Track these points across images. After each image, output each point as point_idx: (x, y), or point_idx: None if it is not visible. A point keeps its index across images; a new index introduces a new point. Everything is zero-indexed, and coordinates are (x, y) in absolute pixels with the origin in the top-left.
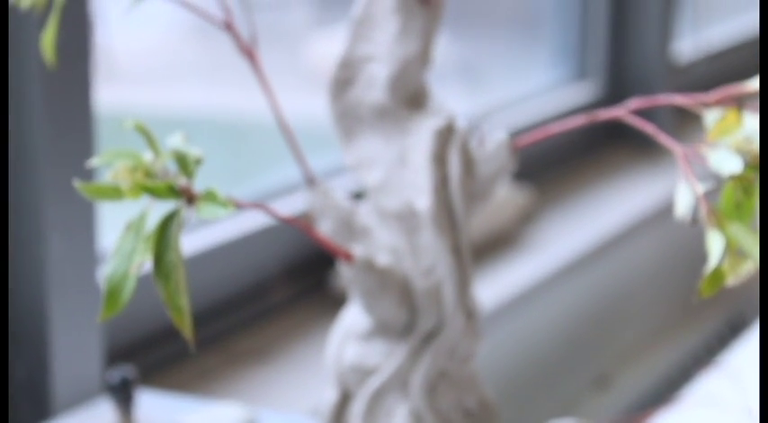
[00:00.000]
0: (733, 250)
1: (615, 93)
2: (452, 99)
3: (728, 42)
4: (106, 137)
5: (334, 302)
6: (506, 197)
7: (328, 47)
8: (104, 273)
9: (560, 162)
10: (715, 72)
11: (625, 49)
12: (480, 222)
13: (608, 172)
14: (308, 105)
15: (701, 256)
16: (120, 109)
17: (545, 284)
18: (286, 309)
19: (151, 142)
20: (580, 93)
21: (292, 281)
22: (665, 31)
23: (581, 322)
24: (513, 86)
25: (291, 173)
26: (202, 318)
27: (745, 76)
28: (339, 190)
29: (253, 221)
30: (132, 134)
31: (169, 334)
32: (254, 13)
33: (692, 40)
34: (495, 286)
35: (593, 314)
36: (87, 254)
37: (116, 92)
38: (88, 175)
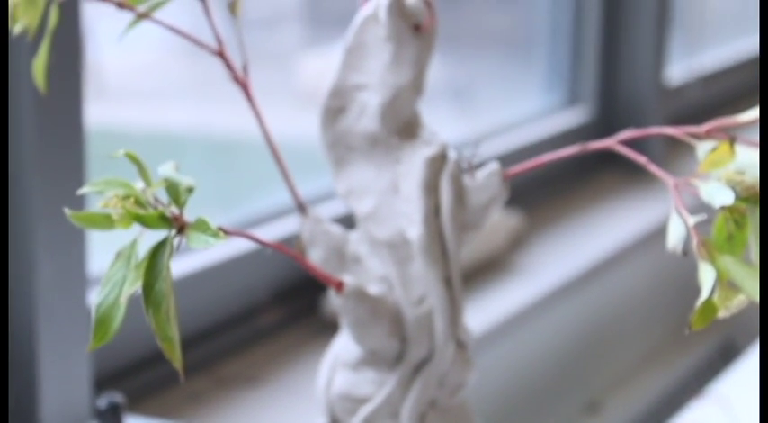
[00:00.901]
0: (724, 283)
1: (607, 117)
2: (443, 121)
3: (720, 65)
4: (95, 154)
5: (325, 326)
6: (497, 221)
7: (319, 66)
8: (94, 301)
9: (551, 186)
10: (707, 96)
11: (617, 73)
12: (471, 247)
13: (599, 196)
14: (301, 124)
15: (693, 282)
16: (110, 127)
17: (536, 309)
18: (276, 332)
19: (142, 171)
20: (572, 117)
21: (283, 304)
22: (658, 55)
23: (572, 347)
24: (504, 109)
25: (283, 192)
26: (191, 341)
27: (737, 98)
28: (333, 213)
29: (243, 244)
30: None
31: (158, 358)
32: (246, 35)
33: (684, 65)
34: (485, 311)
35: (583, 339)
36: (77, 278)
37: (106, 109)
38: (79, 198)
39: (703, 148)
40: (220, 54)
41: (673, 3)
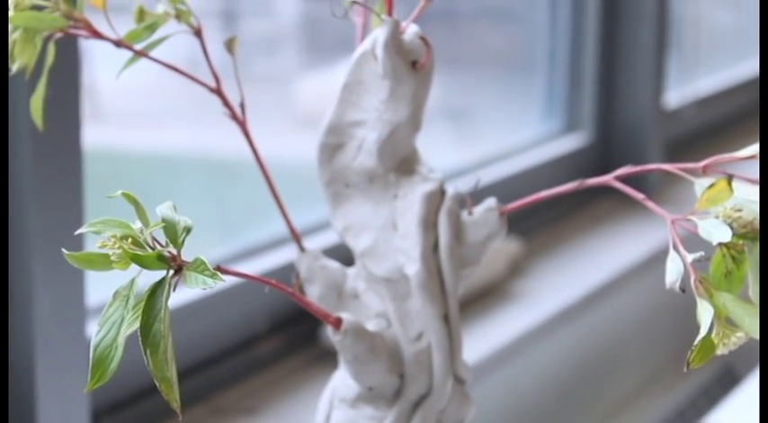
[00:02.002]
0: (723, 320)
1: (606, 142)
2: (439, 144)
3: (716, 89)
4: (93, 176)
5: (324, 355)
6: (495, 248)
7: (318, 88)
8: (92, 341)
9: (549, 212)
10: (704, 119)
11: (615, 98)
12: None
13: (597, 222)
14: (299, 145)
15: (691, 309)
16: (107, 148)
17: (534, 336)
18: (274, 362)
19: (140, 211)
20: (571, 141)
21: (281, 333)
22: (656, 80)
23: (570, 374)
24: (502, 133)
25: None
26: (189, 371)
27: (734, 121)
28: (334, 240)
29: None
30: (118, 176)
31: (156, 390)
32: (245, 57)
33: (681, 89)
34: (484, 338)
35: (582, 366)
36: (75, 309)
37: (103, 131)
38: (77, 228)
39: (701, 185)
40: (218, 91)
41: (670, 27)
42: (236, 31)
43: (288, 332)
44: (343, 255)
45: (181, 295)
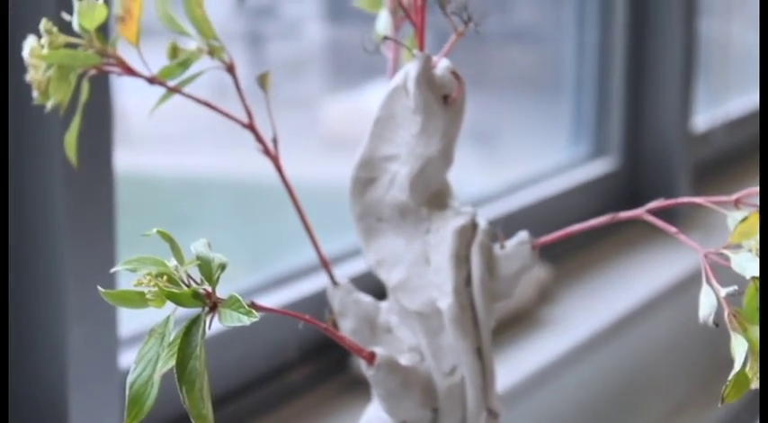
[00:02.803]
0: (756, 353)
1: (634, 166)
2: (466, 167)
3: (745, 111)
4: (122, 199)
5: (355, 383)
6: None
7: (344, 110)
8: (128, 379)
9: (578, 238)
10: (733, 142)
11: (643, 122)
12: None
13: (627, 247)
14: (326, 168)
15: (722, 335)
16: (135, 171)
17: (564, 362)
18: (306, 390)
19: (175, 249)
20: (599, 166)
21: (312, 361)
22: (684, 103)
23: (600, 401)
24: (529, 156)
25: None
26: (222, 399)
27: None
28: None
29: (272, 301)
30: (147, 197)
31: (186, 419)
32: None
33: (709, 111)
34: (513, 365)
35: (612, 392)
36: (108, 341)
37: (131, 154)
38: (110, 261)
39: (734, 218)
40: (250, 127)
41: (698, 49)
42: (262, 53)
43: (319, 360)
44: (375, 283)
45: (213, 323)
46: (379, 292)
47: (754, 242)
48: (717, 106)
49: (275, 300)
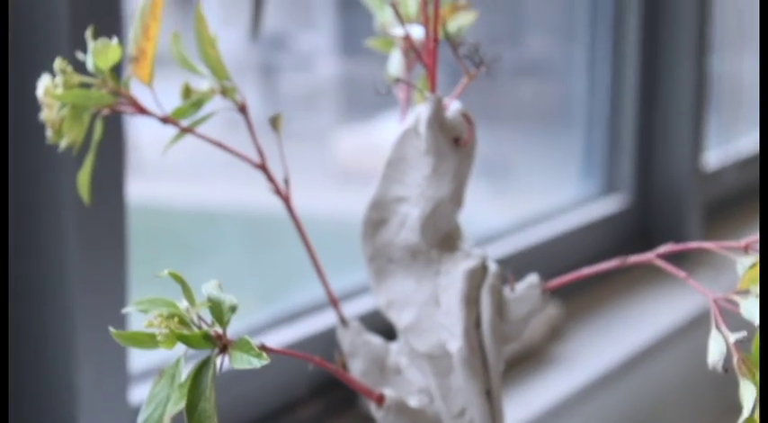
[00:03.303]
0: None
1: (645, 203)
2: (478, 200)
3: (757, 149)
4: (135, 230)
5: (364, 421)
6: None
7: (355, 143)
8: (139, 419)
9: (587, 277)
10: (744, 180)
11: (654, 159)
12: None
13: (637, 285)
14: (337, 200)
15: (731, 376)
16: (148, 202)
17: (574, 401)
18: None
19: (186, 290)
20: (609, 204)
21: (321, 398)
22: (695, 141)
23: None
24: (540, 189)
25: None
26: None
27: None
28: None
29: (283, 336)
30: (159, 227)
31: None
32: (284, 111)
33: (721, 149)
34: (523, 403)
35: None
36: (118, 376)
37: (143, 184)
38: (121, 299)
39: (743, 264)
40: (262, 167)
41: (710, 87)
42: (274, 85)
43: (328, 398)
44: (386, 320)
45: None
46: (390, 329)
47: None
48: (727, 143)
49: (286, 335)
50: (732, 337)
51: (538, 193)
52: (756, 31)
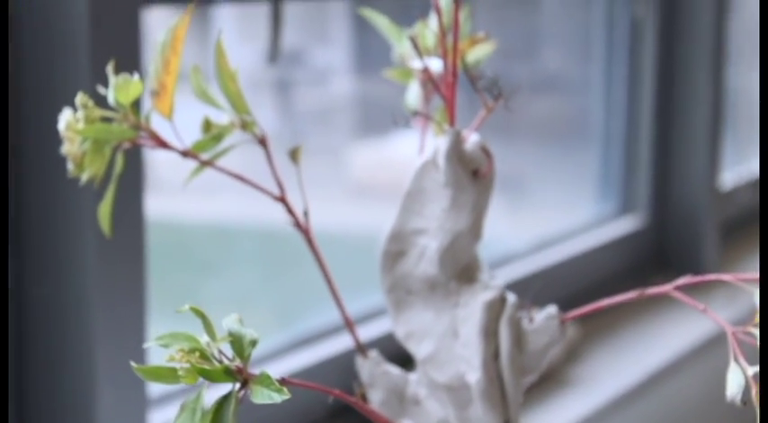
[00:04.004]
0: None
1: (661, 223)
2: (493, 216)
3: None
4: (152, 246)
5: None
6: None
7: (371, 158)
8: None
9: (604, 295)
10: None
11: (671, 180)
12: None
13: (653, 304)
14: (354, 215)
15: (751, 405)
16: (165, 218)
17: (593, 422)
18: None
19: (207, 325)
20: (626, 224)
21: (339, 419)
22: (712, 161)
23: None
24: (556, 205)
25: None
26: None
27: None
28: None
29: (302, 359)
30: (175, 243)
31: None
32: (301, 127)
33: (736, 168)
34: None
35: None
36: (137, 401)
37: (159, 200)
38: (140, 326)
39: (759, 296)
40: (282, 200)
41: (726, 108)
42: (290, 99)
43: (346, 419)
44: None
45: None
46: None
47: None
48: (743, 162)
49: (304, 359)
50: (750, 370)
51: (554, 209)
52: None
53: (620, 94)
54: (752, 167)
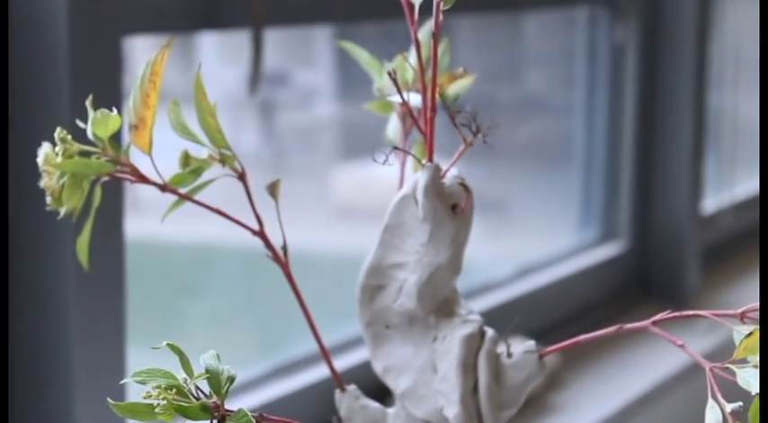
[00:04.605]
0: None
1: (642, 248)
2: (475, 237)
3: (753, 193)
4: (133, 267)
5: None
6: None
7: (354, 179)
8: None
9: (585, 322)
10: (740, 225)
11: (652, 206)
12: None
13: (635, 333)
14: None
15: None
16: (146, 239)
17: None
18: None
19: (184, 362)
20: (607, 250)
21: None
22: (694, 187)
23: None
24: (537, 228)
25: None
26: None
27: None
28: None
29: (277, 390)
30: (157, 264)
31: None
32: (284, 147)
33: (717, 194)
34: None
35: None
36: None
37: (141, 221)
38: (120, 360)
39: (739, 333)
40: (261, 234)
41: (707, 133)
42: (273, 120)
43: None
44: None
45: None
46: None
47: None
48: (725, 187)
49: (285, 387)
50: (728, 408)
51: (536, 233)
52: (753, 70)
53: (602, 118)
54: (734, 191)
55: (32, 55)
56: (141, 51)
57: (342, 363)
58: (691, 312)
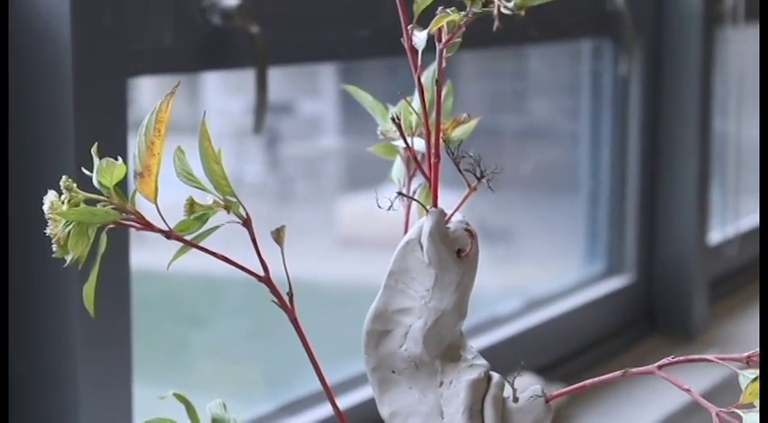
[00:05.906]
0: None
1: (648, 280)
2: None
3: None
4: (138, 297)
5: None
6: None
7: (358, 208)
8: None
9: (591, 355)
10: (746, 255)
11: (658, 238)
12: None
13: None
14: (338, 265)
15: None
16: (149, 268)
17: None
18: None
19: (190, 411)
20: (614, 283)
21: None
22: (699, 219)
23: None
24: (541, 258)
25: (321, 339)
26: None
27: None
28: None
29: None
30: (161, 294)
31: None
32: (288, 175)
33: (723, 225)
34: None
35: None
36: None
37: (145, 252)
38: (126, 410)
39: (745, 377)
40: (266, 280)
41: (713, 164)
42: (278, 150)
43: None
44: None
45: None
46: None
47: None
48: (730, 217)
49: None
50: None
51: (540, 260)
52: (755, 97)
53: (607, 148)
54: (739, 221)
55: (36, 98)
56: (146, 92)
57: (346, 401)
58: (696, 357)
